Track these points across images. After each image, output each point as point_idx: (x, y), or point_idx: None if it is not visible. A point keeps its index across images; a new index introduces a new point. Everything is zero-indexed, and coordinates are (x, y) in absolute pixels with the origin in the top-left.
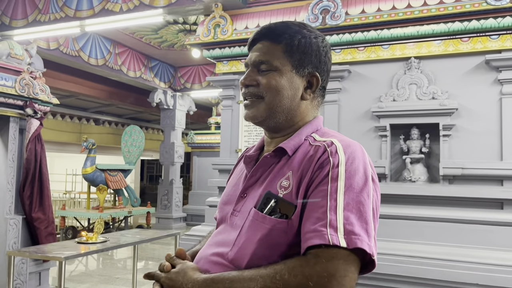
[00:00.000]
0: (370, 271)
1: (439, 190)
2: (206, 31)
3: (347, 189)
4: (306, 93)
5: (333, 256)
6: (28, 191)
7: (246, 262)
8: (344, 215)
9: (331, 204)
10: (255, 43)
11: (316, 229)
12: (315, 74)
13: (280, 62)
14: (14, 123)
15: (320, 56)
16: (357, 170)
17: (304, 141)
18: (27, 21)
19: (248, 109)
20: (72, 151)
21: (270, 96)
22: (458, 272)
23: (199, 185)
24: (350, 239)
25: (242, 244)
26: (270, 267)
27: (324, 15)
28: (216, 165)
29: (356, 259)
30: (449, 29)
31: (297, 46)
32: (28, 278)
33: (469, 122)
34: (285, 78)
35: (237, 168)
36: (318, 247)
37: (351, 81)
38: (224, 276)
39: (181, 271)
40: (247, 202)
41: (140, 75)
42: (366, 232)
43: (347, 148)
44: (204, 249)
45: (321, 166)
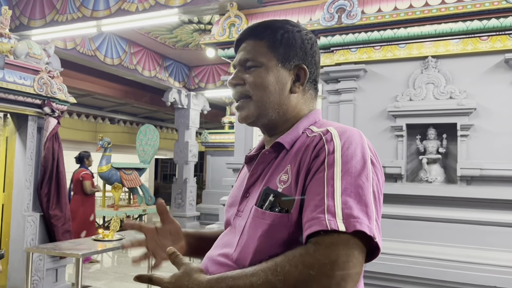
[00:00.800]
0: (376, 256)
1: (456, 191)
2: (221, 31)
3: (344, 174)
4: (295, 86)
5: (332, 242)
6: (46, 189)
7: (250, 260)
8: (342, 200)
9: (328, 190)
10: (240, 43)
11: (314, 216)
12: (302, 66)
13: (265, 58)
14: (32, 121)
15: (305, 48)
16: (354, 155)
17: (301, 134)
18: (45, 21)
19: (240, 111)
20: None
21: (257, 93)
22: (476, 275)
23: (212, 184)
24: (349, 222)
25: (244, 243)
26: (271, 260)
27: (339, 14)
28: (230, 164)
29: (359, 243)
30: (467, 28)
31: (280, 40)
32: (45, 275)
33: (488, 122)
34: (271, 73)
35: (242, 170)
36: (317, 234)
37: (367, 81)
38: (227, 274)
39: (185, 274)
40: (249, 201)
41: (155, 74)
42: (366, 215)
43: (343, 134)
44: (210, 251)
45: (317, 154)
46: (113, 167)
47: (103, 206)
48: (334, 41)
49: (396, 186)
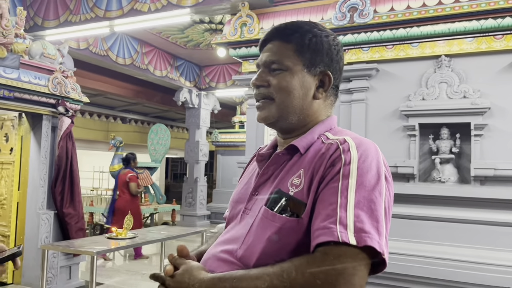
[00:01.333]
0: (381, 271)
1: (470, 191)
2: (232, 30)
3: (358, 186)
4: (319, 92)
5: (341, 253)
6: (60, 187)
7: (255, 261)
8: (354, 213)
9: (342, 201)
10: (265, 43)
11: (326, 226)
12: (327, 72)
13: (291, 62)
14: (46, 121)
15: (331, 54)
16: (369, 168)
17: (316, 139)
18: (59, 22)
19: (260, 111)
20: (100, 149)
21: (281, 97)
22: (489, 276)
23: (223, 183)
24: (360, 237)
25: (251, 242)
26: (278, 265)
27: (352, 13)
28: (241, 163)
29: (366, 257)
30: (481, 26)
31: (308, 44)
32: (59, 272)
33: (502, 122)
34: (296, 78)
35: (249, 167)
36: (326, 244)
37: (379, 80)
38: (231, 274)
39: (186, 272)
40: (258, 200)
41: (166, 74)
42: (377, 231)
43: (360, 146)
44: (212, 248)
45: (333, 163)
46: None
47: None
48: (346, 40)
49: (409, 186)
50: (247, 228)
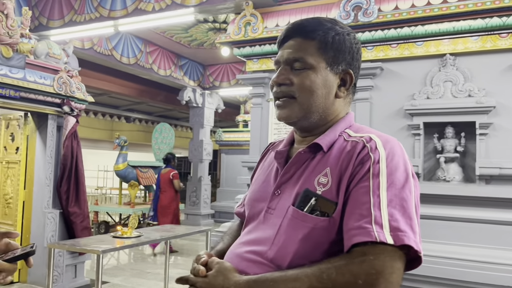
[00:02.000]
0: (415, 267)
1: (475, 190)
2: (236, 29)
3: (389, 185)
4: (340, 91)
5: (380, 253)
6: (65, 186)
7: (289, 261)
8: (388, 212)
9: (375, 200)
10: (286, 40)
11: (361, 226)
12: (348, 71)
13: (315, 60)
14: (52, 120)
15: (353, 53)
16: (397, 166)
17: (338, 137)
18: (64, 22)
19: (281, 109)
20: (104, 148)
21: (304, 96)
22: (495, 275)
23: (227, 182)
24: (396, 235)
25: (282, 243)
26: (315, 266)
27: (356, 12)
28: (246, 162)
29: (402, 255)
30: (486, 25)
31: (332, 43)
32: (65, 271)
33: (508, 121)
34: (319, 77)
35: (263, 163)
36: (363, 244)
37: (384, 79)
38: (266, 277)
39: (220, 273)
40: (282, 199)
41: (170, 73)
42: (411, 229)
43: (386, 144)
44: (235, 248)
45: (361, 161)
46: (129, 165)
47: (119, 204)
48: None
49: None
50: (276, 228)
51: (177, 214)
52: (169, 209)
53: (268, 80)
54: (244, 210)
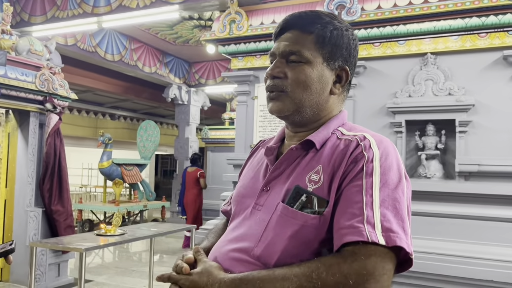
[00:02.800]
0: (406, 269)
1: (454, 186)
2: (221, 27)
3: (382, 185)
4: (335, 87)
5: (371, 253)
6: (48, 184)
7: (276, 260)
8: (380, 212)
9: (367, 200)
10: (283, 32)
11: (353, 225)
12: (345, 68)
13: (311, 54)
14: (34, 118)
15: (350, 49)
16: (391, 166)
17: (331, 134)
18: (46, 18)
19: (273, 102)
20: (88, 146)
21: (297, 91)
22: (474, 269)
23: (213, 180)
24: (388, 236)
25: (270, 240)
26: (304, 265)
27: (339, 11)
28: (231, 160)
29: (393, 257)
30: (466, 25)
31: (329, 37)
32: (48, 269)
33: (486, 119)
34: (315, 72)
35: (252, 159)
36: (354, 244)
37: (367, 77)
38: (253, 275)
39: (205, 271)
40: (271, 195)
41: (155, 70)
42: (403, 230)
43: (380, 144)
44: (220, 246)
45: (355, 160)
46: (114, 163)
47: (104, 202)
48: None
49: None
50: (263, 225)
51: (200, 210)
52: (193, 205)
53: (253, 78)
54: (231, 208)
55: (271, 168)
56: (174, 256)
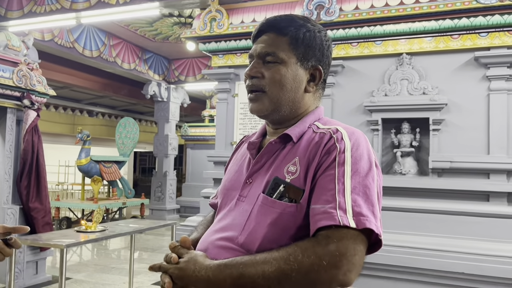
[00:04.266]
0: (377, 250)
1: (428, 182)
2: (202, 25)
3: (353, 173)
4: (309, 85)
5: (343, 236)
6: (25, 182)
7: (258, 246)
8: (352, 198)
9: (339, 187)
10: (260, 34)
11: (326, 211)
12: (318, 67)
13: (286, 54)
14: (11, 114)
15: (323, 49)
16: (362, 156)
17: (307, 128)
18: (23, 12)
19: (253, 103)
20: (65, 143)
21: (274, 90)
22: (445, 262)
23: (192, 177)
24: (358, 220)
25: (252, 228)
26: (282, 249)
27: (318, 11)
28: (212, 157)
29: (364, 239)
30: (440, 26)
31: (302, 39)
32: (25, 267)
33: (458, 117)
34: (289, 71)
35: (236, 154)
36: (328, 228)
37: (345, 76)
38: (237, 260)
39: (191, 259)
40: (253, 187)
41: (134, 67)
42: (373, 214)
43: (352, 135)
44: (207, 236)
45: (328, 151)
46: (92, 160)
47: (82, 199)
48: None
49: None
50: (247, 215)
51: None
52: None
53: (233, 75)
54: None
55: (253, 161)
56: (154, 253)
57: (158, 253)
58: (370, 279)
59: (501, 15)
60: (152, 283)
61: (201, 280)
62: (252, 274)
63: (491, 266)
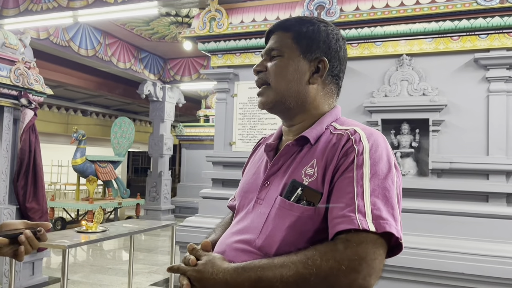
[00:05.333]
0: (397, 253)
1: (427, 183)
2: (201, 24)
3: (372, 175)
4: (314, 77)
5: (362, 240)
6: (22, 181)
7: (276, 249)
8: (371, 201)
9: (358, 190)
10: (270, 35)
11: (345, 214)
12: (322, 59)
13: (289, 48)
14: (8, 113)
15: (329, 42)
16: (381, 158)
17: (325, 130)
18: (19, 10)
19: (260, 97)
20: (59, 142)
21: (276, 81)
22: (445, 262)
23: (187, 177)
24: (378, 223)
25: (270, 231)
26: (301, 253)
27: (319, 11)
28: (210, 157)
29: (384, 242)
30: (440, 28)
31: (305, 32)
32: (22, 268)
33: (458, 118)
34: (291, 63)
35: (254, 156)
36: (347, 232)
37: (345, 77)
38: (254, 264)
39: (209, 262)
40: (271, 190)
41: (129, 66)
42: (393, 217)
43: (370, 136)
44: (225, 238)
45: (346, 153)
46: (87, 160)
47: (77, 199)
48: None
49: None
50: (264, 217)
51: None
52: None
53: (232, 75)
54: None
55: (270, 164)
56: (150, 254)
57: (154, 254)
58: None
59: (501, 17)
60: (150, 284)
61: (219, 283)
62: (270, 278)
63: (491, 267)
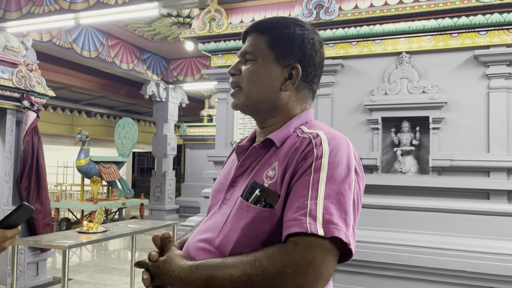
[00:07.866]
0: (347, 260)
1: (428, 181)
2: (201, 25)
3: (328, 179)
4: (286, 84)
5: (311, 244)
6: (26, 183)
7: (230, 249)
8: (324, 205)
9: (312, 194)
10: (246, 36)
11: (296, 217)
12: (296, 66)
13: (263, 53)
14: (11, 115)
15: (304, 48)
16: (340, 162)
17: (292, 133)
18: (21, 13)
19: (233, 98)
20: (64, 143)
21: (248, 85)
22: (446, 260)
23: (191, 177)
24: (328, 228)
25: (227, 231)
26: (252, 254)
27: (318, 10)
28: (211, 157)
29: (334, 248)
30: (439, 25)
31: (280, 37)
32: (26, 268)
33: (458, 116)
34: (264, 68)
35: (230, 158)
36: (297, 235)
37: (344, 75)
38: (208, 263)
39: (168, 259)
40: (236, 191)
41: (132, 67)
42: (345, 222)
43: (332, 140)
44: (192, 236)
45: (305, 157)
46: (91, 160)
47: (81, 200)
48: None
49: (372, 177)
50: (225, 217)
51: None
52: None
53: None
54: None
55: (237, 165)
56: None
57: None
58: (370, 277)
59: (500, 14)
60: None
61: (174, 279)
62: (220, 277)
63: (492, 264)
